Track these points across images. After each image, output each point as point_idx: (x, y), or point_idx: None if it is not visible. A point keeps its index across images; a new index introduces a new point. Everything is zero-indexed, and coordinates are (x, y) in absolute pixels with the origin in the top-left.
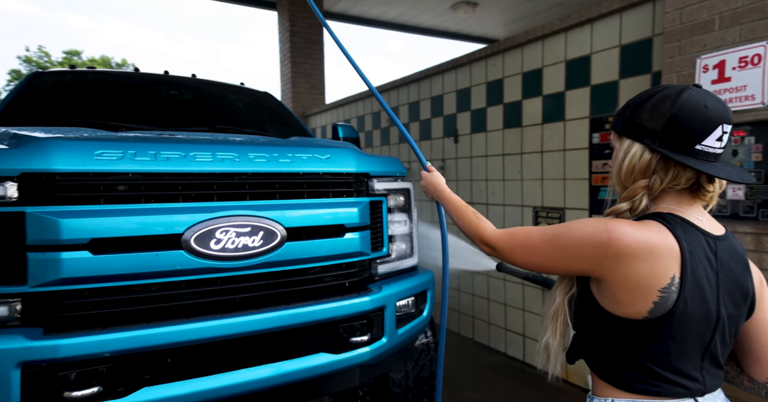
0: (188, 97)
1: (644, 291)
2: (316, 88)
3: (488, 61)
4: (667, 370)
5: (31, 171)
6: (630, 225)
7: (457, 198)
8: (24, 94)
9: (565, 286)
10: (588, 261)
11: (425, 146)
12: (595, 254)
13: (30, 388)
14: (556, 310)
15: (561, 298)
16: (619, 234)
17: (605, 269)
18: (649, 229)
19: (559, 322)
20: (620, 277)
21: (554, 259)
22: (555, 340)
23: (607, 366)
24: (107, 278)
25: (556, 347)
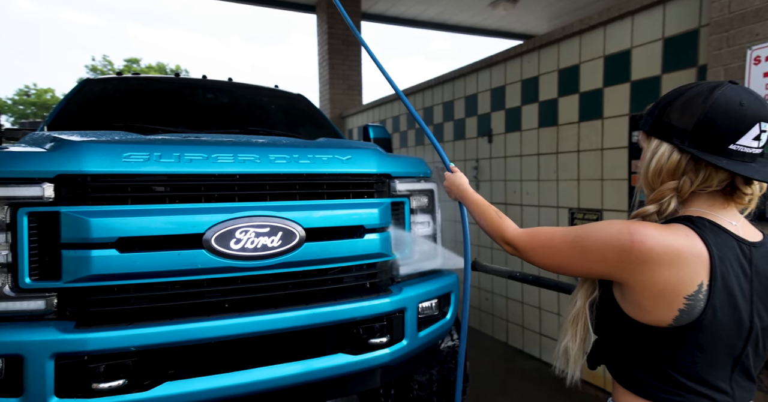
0: (223, 101)
1: (669, 298)
2: (353, 89)
3: (523, 58)
4: (693, 381)
5: (65, 173)
6: (655, 228)
7: (479, 197)
8: (74, 100)
9: (587, 290)
10: (609, 264)
11: (459, 146)
12: (617, 258)
13: (62, 378)
14: (576, 314)
15: (582, 301)
16: (642, 237)
17: (627, 274)
18: (676, 233)
19: (580, 326)
20: (643, 282)
21: (575, 261)
22: (574, 345)
23: (628, 373)
24: (133, 275)
25: (575, 352)
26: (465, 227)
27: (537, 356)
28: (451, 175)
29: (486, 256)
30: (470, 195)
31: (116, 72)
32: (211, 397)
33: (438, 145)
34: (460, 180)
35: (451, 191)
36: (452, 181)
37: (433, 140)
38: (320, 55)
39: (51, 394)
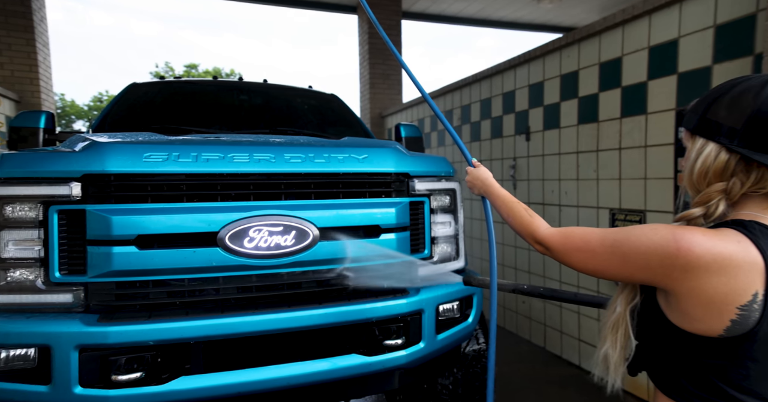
0: (257, 102)
1: (719, 307)
2: (393, 89)
3: (562, 52)
4: (744, 393)
5: (91, 172)
6: (703, 234)
7: (506, 193)
8: (119, 103)
9: (627, 295)
10: (653, 271)
11: (496, 145)
12: (661, 265)
13: (86, 369)
14: (616, 321)
15: (622, 307)
16: (689, 244)
17: (673, 281)
18: (726, 238)
19: (620, 333)
20: (690, 290)
21: (614, 267)
22: (615, 352)
23: (672, 382)
24: (151, 272)
25: (616, 359)
26: (489, 225)
27: (576, 363)
28: (474, 170)
29: (510, 255)
30: (496, 190)
31: (175, 77)
32: (223, 394)
33: (458, 139)
34: (485, 174)
35: (474, 186)
36: (476, 176)
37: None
38: (361, 55)
39: (76, 383)
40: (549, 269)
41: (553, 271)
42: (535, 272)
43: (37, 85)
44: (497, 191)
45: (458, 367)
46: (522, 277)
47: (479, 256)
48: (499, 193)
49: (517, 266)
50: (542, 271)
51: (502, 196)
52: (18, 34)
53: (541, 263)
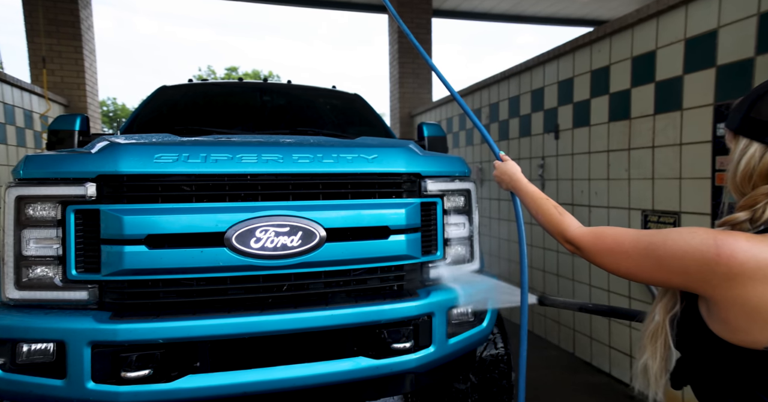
0: (280, 102)
1: (765, 318)
2: (423, 87)
3: (593, 47)
4: None
5: (104, 173)
6: (747, 239)
7: (535, 189)
8: (148, 105)
9: (667, 303)
10: (690, 277)
11: (525, 143)
12: (700, 271)
13: (98, 365)
14: (655, 330)
15: (661, 316)
16: (732, 250)
17: (713, 288)
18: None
19: (660, 343)
20: (732, 299)
21: (648, 270)
22: (655, 363)
23: (716, 398)
24: (160, 271)
25: (656, 371)
26: (519, 224)
27: (606, 371)
28: (501, 164)
29: (538, 256)
30: (524, 186)
31: (202, 79)
32: (229, 393)
33: (485, 132)
34: (512, 169)
35: (502, 181)
36: (503, 170)
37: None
38: (391, 55)
39: (88, 378)
40: (578, 272)
41: (583, 273)
42: (564, 275)
43: (83, 90)
44: (525, 187)
45: (474, 372)
46: (550, 279)
47: (507, 258)
48: (527, 189)
49: (545, 268)
50: (571, 273)
51: (531, 192)
52: (67, 42)
53: (570, 265)
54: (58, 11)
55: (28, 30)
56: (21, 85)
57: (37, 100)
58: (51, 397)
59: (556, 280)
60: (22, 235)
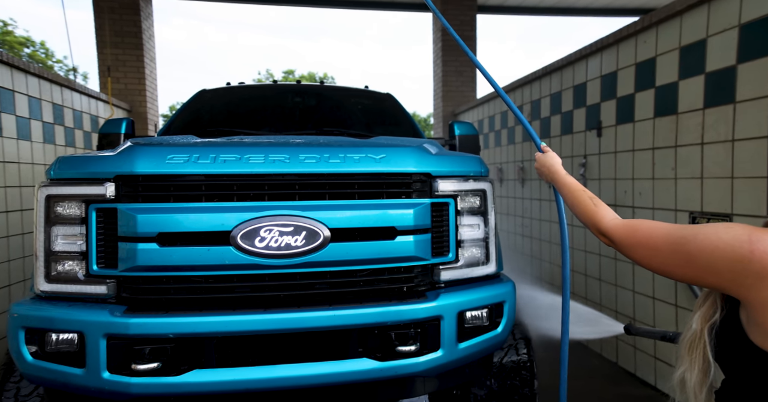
0: (310, 103)
1: None
2: (467, 86)
3: (638, 37)
4: None
5: (121, 173)
6: None
7: (573, 181)
8: (187, 108)
9: (707, 311)
10: (721, 276)
11: (566, 141)
12: (731, 269)
13: (112, 356)
14: (693, 340)
15: (699, 325)
16: (766, 247)
17: (745, 289)
18: None
19: (698, 354)
20: (765, 301)
21: (678, 267)
22: (692, 375)
23: None
24: (170, 268)
25: (693, 383)
26: (561, 216)
27: (651, 383)
28: (542, 156)
29: (579, 260)
30: (562, 178)
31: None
32: (232, 389)
33: (527, 124)
34: (552, 160)
35: (542, 173)
36: (543, 162)
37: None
38: (434, 53)
39: (104, 369)
40: (621, 277)
41: (626, 279)
42: (607, 280)
43: (144, 96)
44: (563, 178)
45: (495, 378)
46: (592, 284)
47: (549, 261)
48: (565, 181)
49: (587, 273)
50: (614, 278)
51: (568, 184)
52: (130, 51)
53: (613, 270)
54: (123, 23)
55: (98, 42)
56: (89, 92)
57: (103, 105)
58: (72, 385)
59: (598, 284)
60: (51, 232)
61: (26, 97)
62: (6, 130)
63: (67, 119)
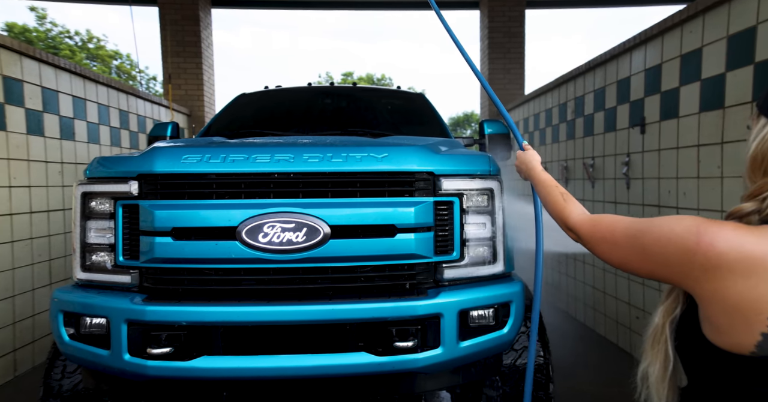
0: (340, 105)
1: (746, 316)
2: (515, 83)
3: (684, 27)
4: None
5: (143, 172)
6: (734, 229)
7: (547, 178)
8: (227, 110)
9: (669, 305)
10: (672, 269)
11: (609, 139)
12: (680, 261)
13: (132, 341)
14: (654, 334)
15: (661, 319)
16: (712, 239)
17: (693, 281)
18: (762, 236)
19: (659, 348)
20: (712, 293)
21: (635, 260)
22: (654, 370)
23: None
24: (183, 260)
25: (656, 378)
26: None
27: None
28: (522, 153)
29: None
30: (537, 174)
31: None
32: (236, 376)
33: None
34: (529, 157)
35: (520, 170)
36: (522, 160)
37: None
38: (481, 51)
39: (125, 351)
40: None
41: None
42: (635, 279)
43: (202, 101)
44: (538, 175)
45: (507, 380)
46: (649, 290)
47: (603, 268)
48: (540, 177)
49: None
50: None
51: (543, 180)
52: (191, 59)
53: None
54: (184, 34)
55: (163, 52)
56: (151, 98)
57: (165, 111)
58: (100, 364)
59: (642, 286)
60: (86, 226)
61: (96, 104)
62: (78, 134)
63: (132, 124)
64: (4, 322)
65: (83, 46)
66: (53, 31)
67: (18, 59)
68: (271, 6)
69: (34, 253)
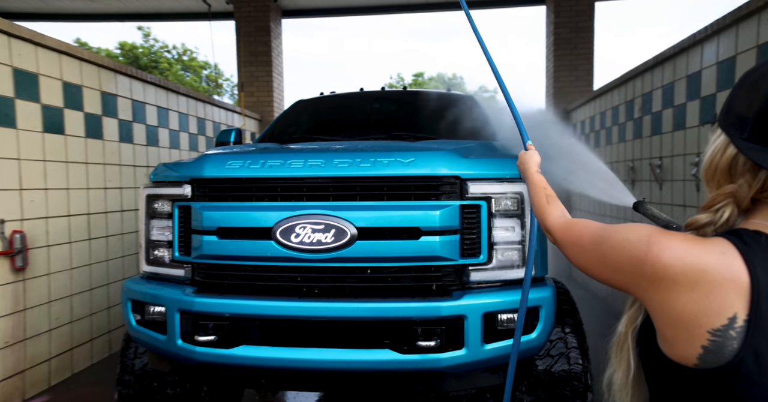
0: (388, 109)
1: (688, 329)
2: (582, 80)
3: (761, 16)
4: None
5: (194, 177)
6: (682, 240)
7: (539, 179)
8: (284, 116)
9: (633, 313)
10: (625, 277)
11: (678, 138)
12: (632, 271)
13: (183, 328)
14: (617, 342)
15: (624, 327)
16: (659, 250)
17: (642, 291)
18: (709, 249)
19: (623, 356)
20: (659, 304)
21: (595, 265)
22: (618, 377)
23: None
24: (227, 257)
25: (619, 385)
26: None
27: None
28: (523, 153)
29: None
30: (531, 175)
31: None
32: (269, 365)
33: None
34: (528, 158)
35: (520, 170)
36: (521, 160)
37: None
38: (546, 48)
39: (178, 337)
40: None
41: None
42: None
43: (271, 107)
44: (531, 176)
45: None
46: None
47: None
48: (531, 179)
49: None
50: None
51: (533, 182)
52: (262, 67)
53: None
54: (257, 44)
55: (238, 62)
56: (226, 106)
57: (238, 117)
58: (158, 348)
59: None
60: (150, 224)
61: (177, 113)
62: (162, 141)
63: (208, 130)
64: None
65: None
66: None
67: (113, 77)
68: (337, 13)
69: (124, 246)
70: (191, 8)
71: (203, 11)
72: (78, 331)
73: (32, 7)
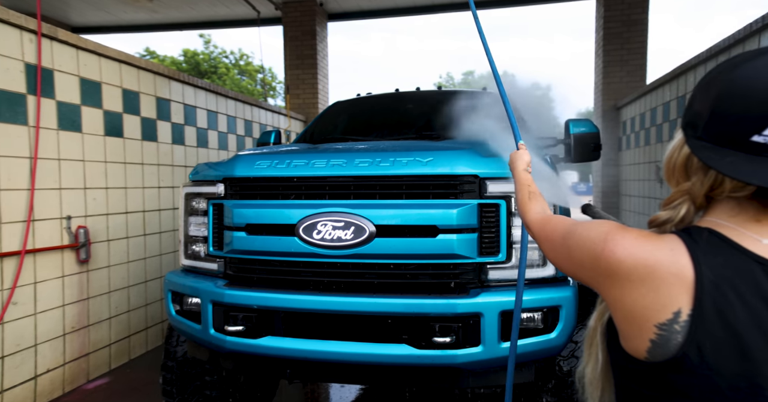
0: (423, 109)
1: (638, 323)
2: (634, 75)
3: None
4: None
5: (227, 176)
6: (636, 237)
7: (525, 177)
8: (321, 117)
9: (603, 308)
10: (587, 272)
11: None
12: (591, 266)
13: (216, 318)
14: (589, 336)
15: (594, 322)
16: (614, 246)
17: (600, 286)
18: (660, 245)
19: (593, 350)
20: (614, 299)
21: (563, 260)
22: (589, 370)
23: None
24: (255, 252)
25: (590, 379)
26: None
27: None
28: (514, 153)
29: None
30: (518, 173)
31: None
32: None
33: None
34: (518, 157)
35: (510, 168)
36: (511, 159)
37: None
38: (596, 43)
39: (211, 327)
40: None
41: None
42: None
43: (316, 108)
44: (518, 174)
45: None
46: None
47: None
48: (518, 177)
49: None
50: None
51: (519, 179)
52: (307, 70)
53: None
54: (303, 48)
55: (286, 66)
56: (272, 108)
57: (284, 118)
58: (193, 337)
59: None
60: (188, 221)
61: (225, 116)
62: (211, 142)
63: (255, 132)
64: (160, 296)
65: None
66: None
67: (167, 83)
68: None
69: (176, 242)
70: (243, 15)
71: (253, 18)
72: (135, 320)
73: (102, 21)
